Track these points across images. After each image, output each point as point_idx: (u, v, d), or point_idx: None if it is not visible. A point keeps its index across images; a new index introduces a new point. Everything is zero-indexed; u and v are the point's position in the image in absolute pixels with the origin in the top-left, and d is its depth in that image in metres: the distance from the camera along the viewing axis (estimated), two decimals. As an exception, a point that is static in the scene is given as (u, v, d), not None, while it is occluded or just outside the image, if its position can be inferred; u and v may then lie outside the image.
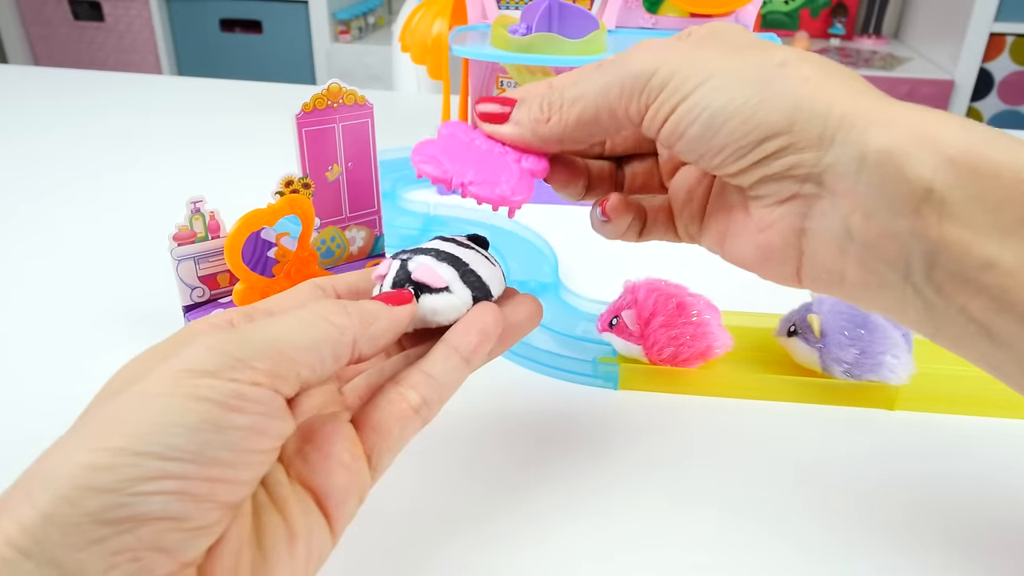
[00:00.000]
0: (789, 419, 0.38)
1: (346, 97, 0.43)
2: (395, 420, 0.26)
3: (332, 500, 0.24)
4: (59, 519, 0.18)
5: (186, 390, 0.20)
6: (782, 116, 0.24)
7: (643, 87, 0.26)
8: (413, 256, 0.30)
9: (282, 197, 0.40)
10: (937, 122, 0.22)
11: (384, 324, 0.26)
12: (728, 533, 0.31)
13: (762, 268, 0.28)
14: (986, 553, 0.30)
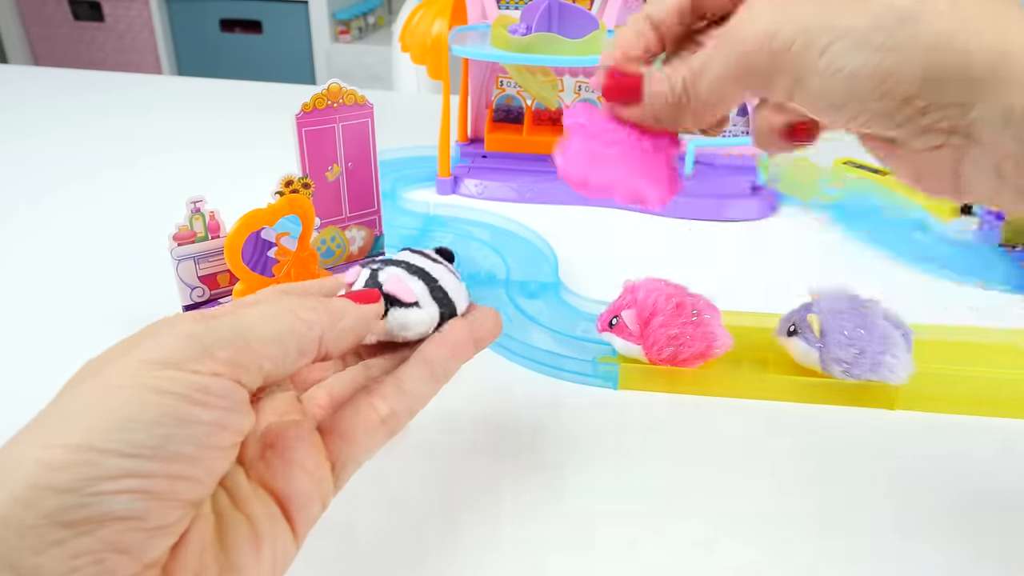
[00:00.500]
0: (789, 419, 0.38)
1: (346, 97, 0.43)
2: (362, 429, 0.26)
3: (294, 504, 0.24)
4: (14, 521, 0.17)
5: (147, 382, 0.20)
6: (916, 67, 0.22)
7: (764, 62, 0.25)
8: (384, 267, 0.30)
9: (282, 197, 0.40)
10: None
11: (351, 321, 0.26)
12: (727, 532, 0.31)
13: (919, 187, 0.27)
14: (986, 553, 0.30)
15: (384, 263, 0.30)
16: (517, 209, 0.61)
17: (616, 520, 0.31)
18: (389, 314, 0.28)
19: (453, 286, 0.30)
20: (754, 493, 0.33)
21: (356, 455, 0.26)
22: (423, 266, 0.30)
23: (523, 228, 0.56)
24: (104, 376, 0.20)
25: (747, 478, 0.34)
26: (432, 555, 0.30)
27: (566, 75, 0.66)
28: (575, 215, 0.61)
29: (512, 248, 0.54)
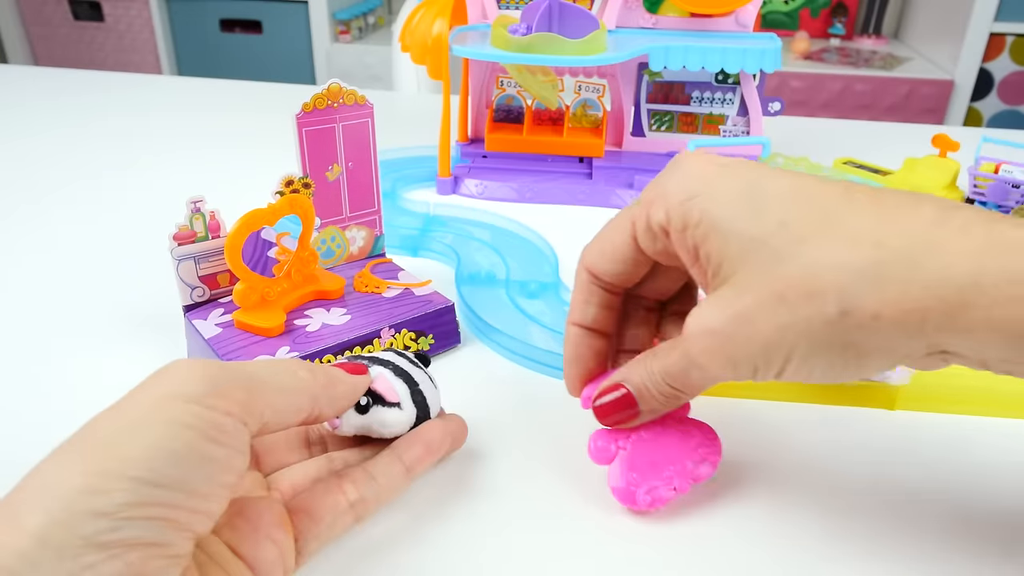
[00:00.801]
0: (789, 419, 0.38)
1: (346, 97, 0.43)
2: (329, 510, 0.28)
3: (259, 571, 0.25)
4: (53, 542, 0.19)
5: (171, 416, 0.21)
6: (883, 357, 0.24)
7: (735, 376, 0.26)
8: (371, 365, 0.31)
9: (282, 197, 0.40)
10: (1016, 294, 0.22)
11: (345, 388, 0.28)
12: (726, 532, 0.31)
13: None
14: (986, 553, 0.30)
15: (371, 360, 0.32)
16: (517, 209, 0.61)
17: (615, 519, 0.31)
18: (371, 411, 0.30)
19: (431, 393, 0.32)
20: (754, 493, 0.33)
21: (320, 534, 0.28)
22: (407, 369, 0.32)
23: (523, 228, 0.56)
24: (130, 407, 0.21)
25: (747, 478, 0.34)
26: (430, 555, 0.30)
27: (566, 75, 0.66)
28: (575, 215, 0.61)
29: (512, 248, 0.54)
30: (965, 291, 0.22)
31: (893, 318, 0.22)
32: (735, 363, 0.25)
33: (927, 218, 0.24)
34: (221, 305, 0.41)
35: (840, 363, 0.24)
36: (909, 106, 1.97)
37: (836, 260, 0.23)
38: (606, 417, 0.30)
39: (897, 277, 0.23)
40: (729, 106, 0.65)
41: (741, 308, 0.25)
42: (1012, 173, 0.57)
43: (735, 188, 0.26)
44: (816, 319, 0.23)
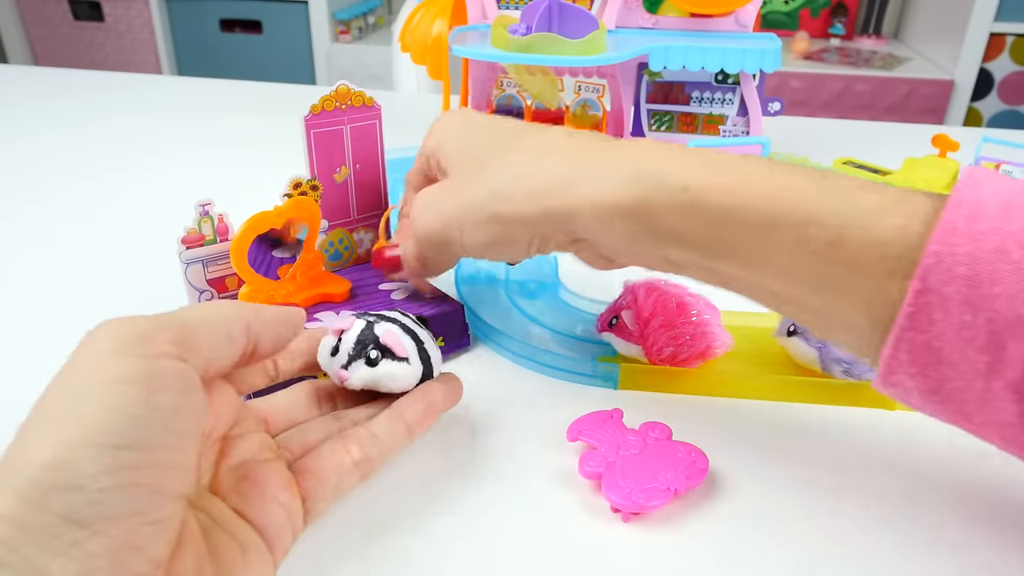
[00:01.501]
0: (789, 419, 0.38)
1: (354, 99, 0.43)
2: (334, 469, 0.28)
3: (268, 534, 0.25)
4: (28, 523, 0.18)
5: (110, 375, 0.21)
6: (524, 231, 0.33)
7: (437, 245, 0.36)
8: (379, 321, 0.32)
9: (289, 199, 0.40)
10: (618, 184, 0.30)
11: (273, 313, 0.28)
12: (725, 532, 0.31)
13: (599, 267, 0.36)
14: (986, 552, 0.30)
15: (379, 317, 0.32)
16: (517, 209, 0.61)
17: (614, 519, 0.31)
18: (380, 364, 0.31)
19: (434, 352, 0.33)
20: (753, 493, 0.33)
21: (327, 494, 0.28)
22: (413, 328, 0.33)
23: (523, 228, 0.56)
24: (71, 375, 0.21)
25: (746, 478, 0.34)
26: (429, 555, 0.30)
27: (566, 75, 0.66)
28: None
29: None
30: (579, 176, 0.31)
31: (523, 200, 0.32)
32: (431, 231, 0.35)
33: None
34: None
35: (494, 234, 0.33)
36: (909, 106, 1.97)
37: (502, 165, 0.34)
38: (380, 265, 0.42)
39: (526, 176, 0.33)
40: (729, 106, 0.65)
41: (448, 185, 0.36)
42: (1012, 173, 0.57)
43: (462, 130, 0.37)
44: (477, 197, 0.33)
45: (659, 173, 0.29)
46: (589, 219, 0.31)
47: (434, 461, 0.34)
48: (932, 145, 0.64)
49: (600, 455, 0.33)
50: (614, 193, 0.30)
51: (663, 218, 0.29)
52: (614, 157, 0.31)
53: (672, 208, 0.29)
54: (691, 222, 0.29)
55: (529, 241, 0.33)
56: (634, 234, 0.30)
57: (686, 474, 0.32)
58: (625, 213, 0.30)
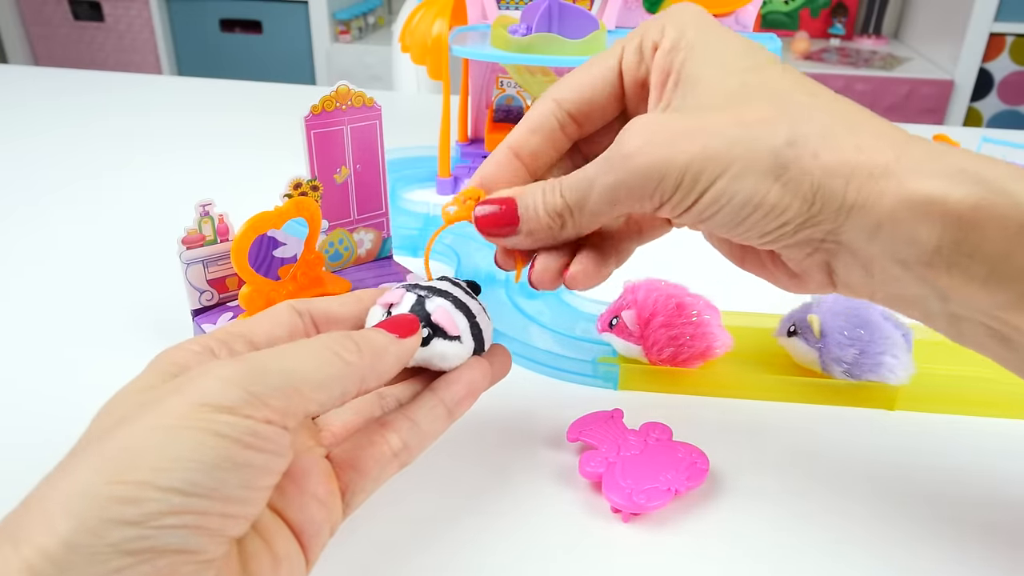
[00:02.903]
0: (789, 419, 0.38)
1: (354, 99, 0.43)
2: (374, 461, 0.27)
3: (306, 533, 0.25)
4: (83, 549, 0.19)
5: (204, 425, 0.20)
6: (803, 203, 0.25)
7: (654, 188, 0.25)
8: (430, 296, 0.30)
9: (290, 199, 0.39)
10: (947, 178, 0.23)
11: (392, 360, 0.26)
12: (725, 532, 0.31)
13: (795, 289, 0.29)
14: (986, 552, 0.30)
15: (430, 291, 0.30)
16: (517, 209, 0.61)
17: (614, 521, 0.31)
18: (432, 343, 0.29)
19: (486, 325, 0.31)
20: (753, 493, 0.33)
21: (366, 485, 0.27)
22: (465, 301, 0.31)
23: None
24: (160, 416, 0.21)
25: (746, 478, 0.34)
26: (429, 555, 0.30)
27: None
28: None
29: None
30: (890, 160, 0.24)
31: (828, 161, 0.24)
32: (665, 168, 0.25)
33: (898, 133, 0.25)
34: (229, 309, 0.41)
35: (762, 193, 0.24)
36: (909, 106, 1.97)
37: (799, 109, 0.25)
38: (483, 227, 0.29)
39: (843, 134, 0.25)
40: (729, 106, 0.65)
41: (696, 117, 0.26)
42: (1012, 173, 0.57)
43: (733, 39, 0.27)
44: (763, 141, 0.24)
45: (997, 178, 0.23)
46: (887, 215, 0.24)
47: (434, 461, 0.34)
48: (932, 145, 0.64)
49: (600, 455, 0.33)
50: (941, 189, 0.23)
51: (992, 237, 0.22)
52: (925, 146, 0.24)
53: (1010, 227, 0.22)
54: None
55: (792, 219, 0.25)
56: (934, 251, 0.23)
57: (686, 474, 0.32)
58: (944, 218, 0.23)
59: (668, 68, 0.27)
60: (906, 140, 0.25)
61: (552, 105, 0.30)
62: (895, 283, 0.25)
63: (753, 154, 0.24)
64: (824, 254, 0.26)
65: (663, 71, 0.28)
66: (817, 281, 0.28)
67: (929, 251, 0.23)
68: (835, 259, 0.26)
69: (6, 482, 0.21)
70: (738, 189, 0.25)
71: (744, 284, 0.50)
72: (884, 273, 0.25)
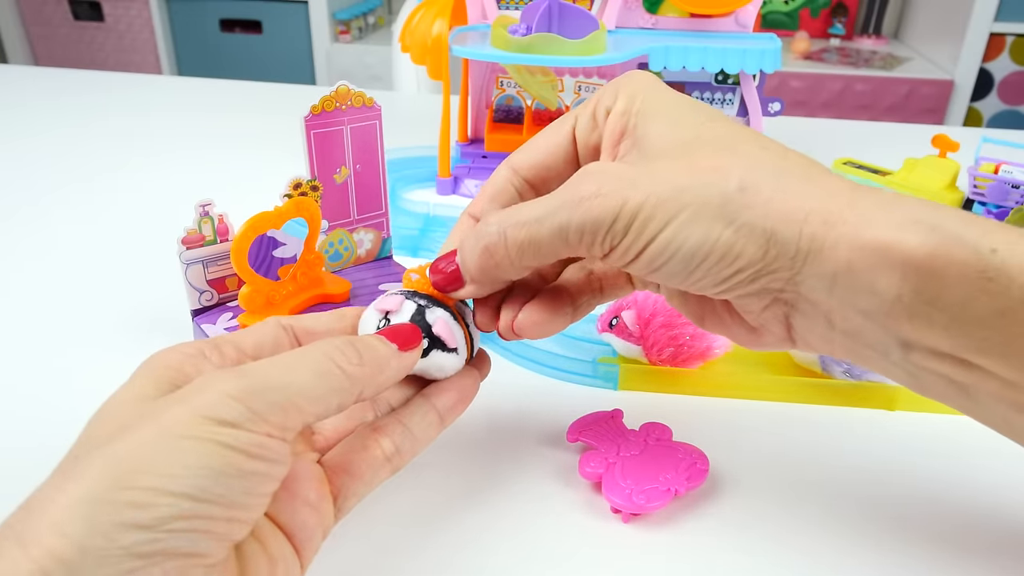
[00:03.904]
0: (789, 419, 0.38)
1: (354, 99, 0.43)
2: (367, 465, 0.27)
3: (298, 537, 0.25)
4: (95, 552, 0.19)
5: (209, 436, 0.21)
6: (755, 249, 0.24)
7: (606, 231, 0.25)
8: (430, 307, 0.30)
9: (289, 200, 0.39)
10: (902, 226, 0.23)
11: (392, 373, 0.27)
12: (725, 532, 0.31)
13: (753, 345, 0.29)
14: (986, 553, 0.30)
15: (428, 300, 0.30)
16: (517, 209, 0.61)
17: (613, 522, 0.31)
18: (431, 355, 0.29)
19: (476, 333, 0.31)
20: (753, 494, 0.33)
21: (358, 489, 0.27)
22: (461, 309, 0.31)
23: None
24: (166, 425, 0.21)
25: (746, 479, 0.34)
26: (428, 555, 0.30)
27: (566, 75, 0.66)
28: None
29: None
30: (844, 208, 0.24)
31: (781, 207, 0.24)
32: (616, 211, 0.25)
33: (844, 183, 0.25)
34: (229, 309, 0.41)
35: (713, 238, 0.24)
36: (909, 106, 1.97)
37: (751, 158, 0.25)
38: (435, 285, 0.30)
39: (796, 183, 0.25)
40: (729, 106, 0.65)
41: (649, 165, 0.26)
42: (1012, 173, 0.57)
43: (684, 99, 0.28)
44: (715, 186, 0.24)
45: (952, 226, 0.23)
46: (843, 265, 0.23)
47: (433, 460, 0.34)
48: (932, 145, 0.64)
49: (600, 456, 0.33)
50: (896, 237, 0.23)
51: (952, 284, 0.22)
52: (878, 195, 0.24)
53: (969, 274, 0.22)
54: (988, 300, 0.22)
55: (747, 265, 0.25)
56: (894, 300, 0.23)
57: (686, 475, 0.32)
58: (902, 266, 0.23)
59: (621, 129, 0.28)
60: (858, 190, 0.24)
61: (509, 173, 0.30)
62: (857, 335, 0.25)
63: (704, 199, 0.24)
64: (783, 306, 0.26)
65: (616, 133, 0.28)
66: (775, 335, 0.27)
67: (889, 301, 0.23)
68: (794, 311, 0.26)
69: (6, 481, 0.21)
70: (688, 235, 0.24)
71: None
72: (846, 323, 0.25)
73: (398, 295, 0.30)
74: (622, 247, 0.26)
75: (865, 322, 0.24)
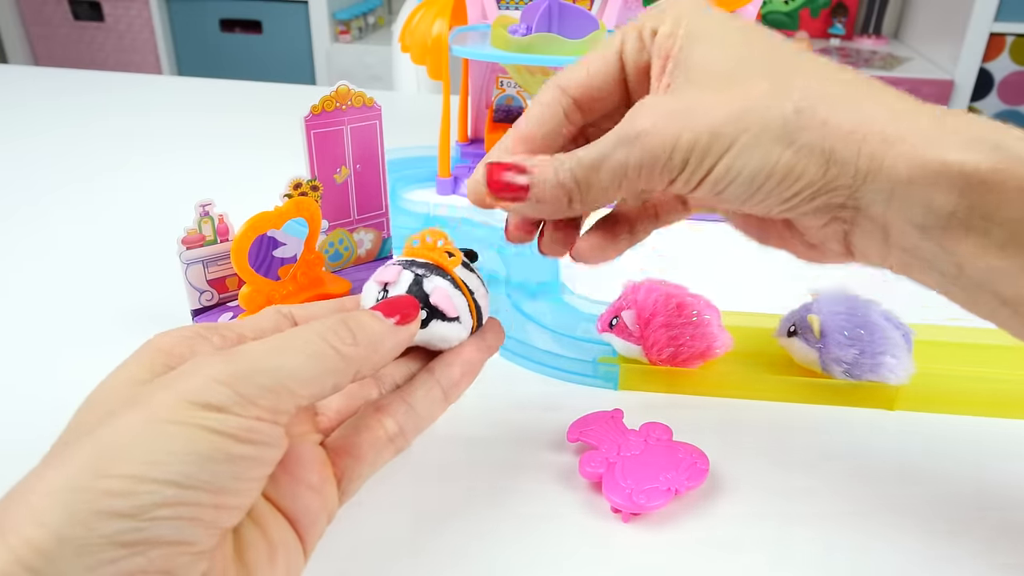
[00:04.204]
0: (789, 419, 0.38)
1: (354, 99, 0.43)
2: (370, 446, 0.27)
3: (301, 522, 0.24)
4: (74, 541, 0.18)
5: (195, 421, 0.21)
6: (816, 168, 0.25)
7: (664, 163, 0.26)
8: (428, 275, 0.29)
9: (290, 199, 0.39)
10: (963, 145, 0.23)
11: (388, 350, 0.26)
12: (725, 532, 0.31)
13: (814, 260, 0.29)
14: (986, 553, 0.30)
15: (427, 268, 0.29)
16: (517, 209, 0.61)
17: (613, 520, 0.31)
18: (431, 326, 0.28)
19: (483, 299, 0.31)
20: (753, 493, 0.33)
21: (362, 471, 0.27)
22: (464, 277, 0.30)
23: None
24: (150, 410, 0.21)
25: (746, 478, 0.34)
26: (428, 555, 0.30)
27: (566, 75, 0.66)
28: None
29: (513, 248, 0.54)
30: (902, 126, 0.24)
31: (837, 128, 0.24)
32: (676, 140, 0.25)
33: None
34: (229, 309, 0.41)
35: (774, 160, 0.25)
36: (909, 106, 1.97)
37: (803, 80, 0.25)
38: (495, 189, 0.28)
39: (851, 102, 0.25)
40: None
41: (704, 93, 0.26)
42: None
43: (731, 20, 0.28)
44: (773, 111, 0.25)
45: (1014, 145, 0.23)
46: (903, 181, 0.24)
47: (433, 461, 0.34)
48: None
49: (600, 455, 0.33)
50: (956, 155, 0.23)
51: (1010, 200, 0.23)
52: (939, 113, 0.25)
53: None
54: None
55: (808, 184, 0.25)
56: (949, 215, 0.24)
57: (686, 474, 0.32)
58: (960, 182, 0.23)
59: (668, 52, 0.27)
60: (918, 108, 0.25)
61: (557, 92, 0.30)
62: (913, 250, 0.25)
63: (761, 124, 0.25)
64: (842, 223, 0.26)
65: (663, 55, 0.28)
66: (834, 251, 0.28)
67: (945, 216, 0.24)
68: (853, 227, 0.26)
69: (6, 483, 0.21)
70: (748, 160, 0.25)
71: (744, 284, 0.50)
72: (902, 239, 0.25)
73: (396, 265, 0.29)
74: (682, 178, 0.26)
75: (921, 239, 0.25)
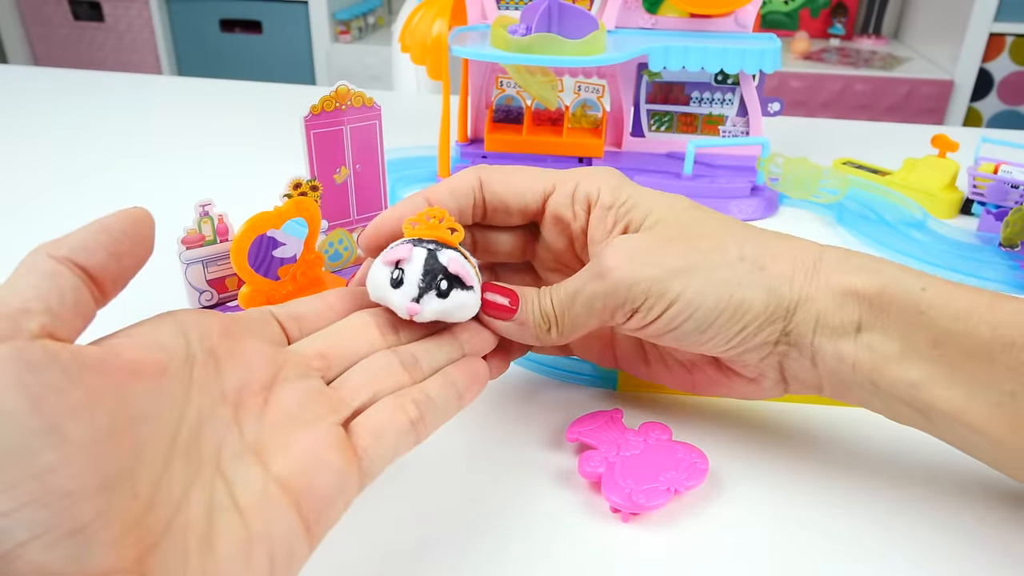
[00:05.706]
0: (789, 419, 0.38)
1: (354, 99, 0.43)
2: (392, 427, 0.26)
3: (313, 504, 0.23)
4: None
5: None
6: (761, 304, 0.30)
7: (625, 296, 0.30)
8: (440, 248, 0.29)
9: (289, 199, 0.40)
10: (856, 272, 0.30)
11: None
12: (725, 532, 0.31)
13: (749, 395, 0.34)
14: (988, 553, 0.30)
15: (433, 242, 0.29)
16: (517, 209, 0.61)
17: (613, 520, 0.31)
18: (452, 295, 0.29)
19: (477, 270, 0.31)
20: (753, 493, 0.33)
21: (384, 453, 0.26)
22: (465, 251, 0.30)
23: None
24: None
25: (746, 478, 0.34)
26: (427, 555, 0.30)
27: (566, 75, 0.66)
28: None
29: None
30: (816, 262, 0.31)
31: (774, 270, 0.30)
32: (639, 276, 0.30)
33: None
34: (229, 309, 0.41)
35: (727, 296, 0.30)
36: (909, 106, 1.97)
37: (738, 236, 0.32)
38: (487, 309, 0.31)
39: (777, 250, 0.31)
40: (728, 106, 0.65)
41: (664, 239, 0.31)
42: (1011, 173, 0.57)
43: (655, 193, 0.33)
44: (718, 257, 0.30)
45: (892, 271, 0.30)
46: (820, 305, 0.30)
47: (433, 461, 0.34)
48: (932, 145, 0.64)
49: (600, 455, 0.33)
50: (854, 279, 0.30)
51: (896, 316, 0.29)
52: (836, 250, 0.31)
53: (908, 309, 0.29)
54: (925, 333, 0.29)
55: (755, 316, 0.30)
56: (856, 328, 0.30)
57: (686, 474, 0.32)
58: (860, 302, 0.30)
59: (614, 221, 0.32)
60: (822, 247, 0.31)
61: (476, 182, 0.34)
62: (835, 374, 0.30)
63: (711, 269, 0.30)
64: (777, 356, 0.31)
65: (608, 224, 0.32)
66: (772, 380, 0.32)
67: (853, 329, 0.30)
68: (786, 357, 0.31)
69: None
70: (704, 297, 0.30)
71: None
72: (825, 364, 0.30)
73: (406, 243, 0.29)
74: (641, 312, 0.30)
75: (839, 363, 0.30)
